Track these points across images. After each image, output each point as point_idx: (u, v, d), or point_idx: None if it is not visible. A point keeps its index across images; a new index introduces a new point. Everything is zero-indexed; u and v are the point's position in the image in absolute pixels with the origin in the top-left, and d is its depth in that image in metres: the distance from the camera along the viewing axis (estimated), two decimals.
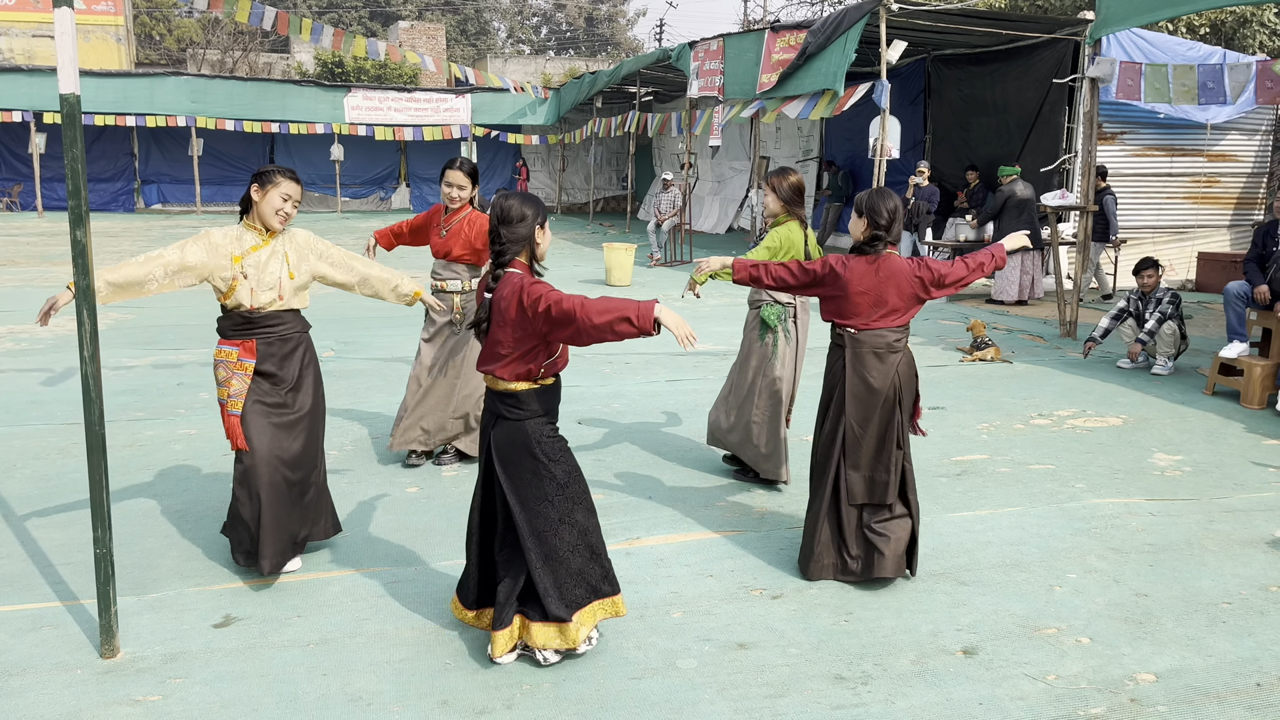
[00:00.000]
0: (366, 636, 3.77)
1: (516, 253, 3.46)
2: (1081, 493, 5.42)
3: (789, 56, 14.21)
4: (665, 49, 18.81)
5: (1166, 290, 7.98)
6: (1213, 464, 5.94)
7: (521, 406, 3.47)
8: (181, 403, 7.07)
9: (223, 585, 4.19)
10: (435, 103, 27.10)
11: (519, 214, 3.44)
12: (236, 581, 4.22)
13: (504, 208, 3.45)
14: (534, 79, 38.25)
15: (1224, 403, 7.25)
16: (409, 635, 3.78)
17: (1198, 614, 4.02)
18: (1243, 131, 14.51)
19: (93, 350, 3.41)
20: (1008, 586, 4.26)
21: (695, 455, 6.00)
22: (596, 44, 63.41)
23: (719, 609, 4.05)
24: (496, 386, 3.51)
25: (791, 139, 20.38)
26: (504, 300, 3.39)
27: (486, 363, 3.52)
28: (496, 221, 3.45)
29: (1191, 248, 14.09)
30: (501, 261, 3.45)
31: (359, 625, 3.86)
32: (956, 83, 15.79)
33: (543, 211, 3.53)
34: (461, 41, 57.18)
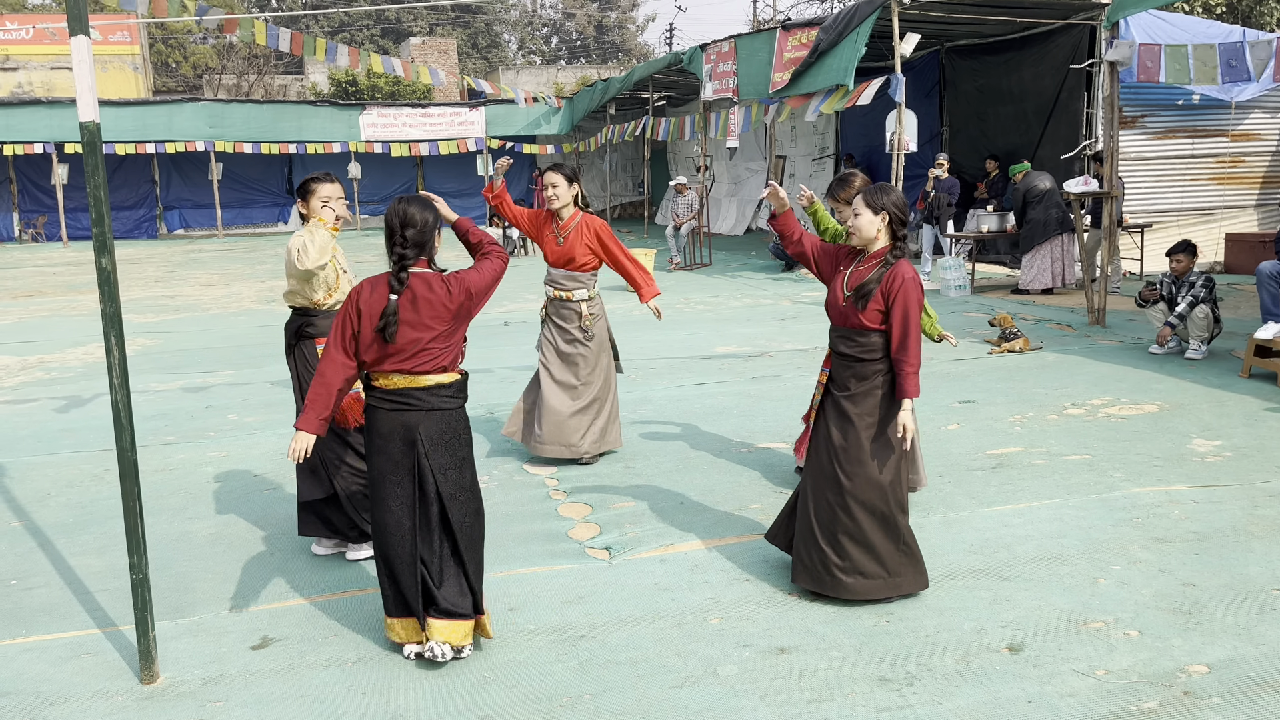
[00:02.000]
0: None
1: (420, 255, 3.64)
2: (1120, 482, 5.33)
3: (801, 54, 14.15)
4: (677, 53, 18.78)
5: (1200, 274, 7.86)
6: (1254, 448, 5.83)
7: (456, 395, 3.70)
8: (211, 426, 7.10)
9: (260, 607, 4.19)
10: (450, 117, 27.23)
11: (420, 219, 3.60)
12: (273, 603, 4.22)
13: (406, 213, 3.60)
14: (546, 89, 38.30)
15: (1261, 385, 7.12)
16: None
17: (1247, 602, 3.94)
18: (1266, 110, 14.31)
19: (122, 377, 3.42)
20: (1050, 581, 4.19)
21: (725, 459, 5.95)
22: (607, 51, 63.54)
23: (757, 614, 4.00)
24: (425, 383, 3.62)
25: (807, 137, 20.31)
26: (433, 298, 3.56)
27: (411, 361, 3.59)
28: (400, 226, 3.58)
29: (1219, 229, 13.91)
30: (405, 265, 3.56)
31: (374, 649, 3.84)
32: (972, 73, 15.67)
33: (437, 215, 3.75)
34: (473, 55, 57.46)
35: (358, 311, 3.55)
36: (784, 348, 9.23)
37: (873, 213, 4.00)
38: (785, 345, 9.34)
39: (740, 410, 7.01)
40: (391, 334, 3.52)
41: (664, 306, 12.11)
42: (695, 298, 12.90)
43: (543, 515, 5.15)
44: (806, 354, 8.91)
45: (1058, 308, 10.98)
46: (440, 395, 3.64)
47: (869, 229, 4.00)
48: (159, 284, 16.52)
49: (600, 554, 4.64)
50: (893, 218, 4.01)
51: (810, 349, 9.11)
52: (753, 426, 6.57)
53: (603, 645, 3.77)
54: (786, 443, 6.18)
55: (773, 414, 6.85)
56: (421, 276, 3.58)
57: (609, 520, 5.04)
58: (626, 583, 4.32)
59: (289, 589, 4.35)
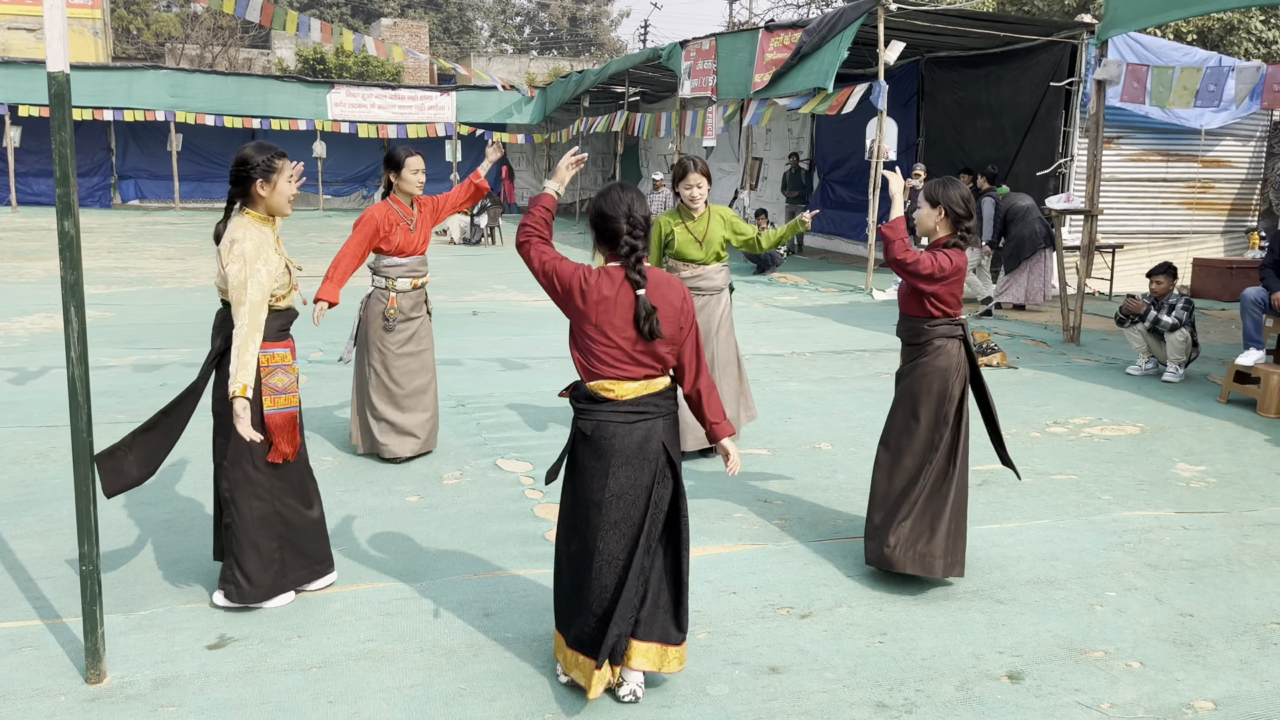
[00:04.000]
0: (374, 659, 3.52)
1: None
2: (1109, 505, 5.23)
3: (783, 56, 14.04)
4: (655, 48, 18.60)
5: (1180, 296, 7.83)
6: (1237, 475, 5.77)
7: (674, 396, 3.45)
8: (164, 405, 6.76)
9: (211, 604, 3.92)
10: (420, 100, 26.78)
11: (644, 211, 3.25)
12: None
13: (634, 202, 3.24)
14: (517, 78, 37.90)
15: (1240, 411, 7.10)
16: (419, 659, 3.53)
17: (1247, 635, 3.84)
18: (1237, 137, 14.43)
19: (81, 350, 3.15)
20: (1046, 605, 4.06)
21: (706, 464, 5.77)
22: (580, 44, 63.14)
23: (746, 629, 3.82)
24: (657, 387, 3.26)
25: (781, 140, 20.21)
26: (671, 297, 3.31)
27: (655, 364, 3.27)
28: (628, 212, 3.19)
29: (1187, 254, 14.00)
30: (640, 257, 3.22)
31: (364, 646, 3.61)
32: (951, 85, 15.66)
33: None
34: (444, 39, 56.74)
35: (582, 291, 3.16)
36: (759, 351, 9.07)
37: (931, 205, 4.16)
38: (760, 349, 9.19)
39: None
40: (656, 329, 3.14)
41: None
42: None
43: (518, 515, 4.93)
44: (782, 359, 8.76)
45: (1030, 324, 10.96)
46: (668, 398, 3.27)
47: (928, 220, 4.20)
48: (112, 254, 15.99)
49: None
50: (949, 212, 4.14)
51: (786, 354, 8.97)
52: None
53: None
54: (769, 449, 6.01)
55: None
56: (651, 271, 3.24)
57: None
58: None
59: None
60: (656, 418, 3.20)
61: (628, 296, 3.14)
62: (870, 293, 12.96)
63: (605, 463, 3.14)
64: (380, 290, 5.50)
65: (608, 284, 3.16)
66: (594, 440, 3.16)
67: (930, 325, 4.15)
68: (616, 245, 3.19)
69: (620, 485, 3.15)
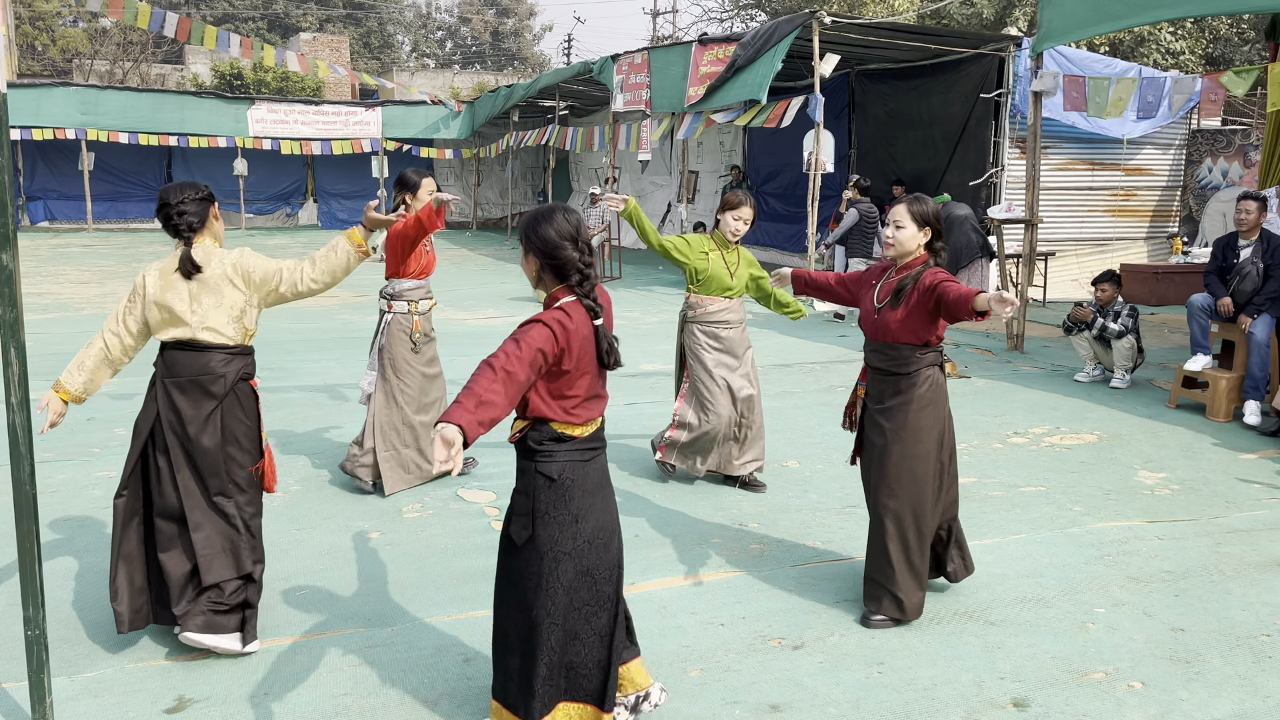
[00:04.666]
0: (350, 716, 3.27)
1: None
2: (1081, 516, 5.21)
3: (717, 69, 14.01)
4: (586, 62, 18.46)
5: (1125, 304, 7.93)
6: (1198, 481, 5.82)
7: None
8: (95, 441, 6.39)
9: (172, 660, 3.64)
10: (344, 116, 26.20)
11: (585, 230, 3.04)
12: (188, 655, 3.67)
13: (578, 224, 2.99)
14: (442, 93, 37.50)
15: (1190, 416, 7.20)
16: (399, 713, 3.30)
17: (1240, 649, 3.81)
18: (1157, 146, 14.84)
19: (22, 395, 2.87)
20: (1038, 625, 3.99)
21: (676, 488, 5.61)
22: (503, 58, 62.79)
23: (740, 664, 3.67)
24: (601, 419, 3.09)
25: (714, 153, 20.24)
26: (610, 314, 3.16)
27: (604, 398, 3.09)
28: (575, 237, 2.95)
29: (1113, 260, 14.32)
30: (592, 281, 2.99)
31: (339, 702, 3.37)
32: (881, 97, 15.83)
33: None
34: (365, 54, 55.91)
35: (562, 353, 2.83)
36: None
37: (917, 226, 3.93)
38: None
39: None
40: (619, 359, 2.96)
41: None
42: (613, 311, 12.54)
43: (486, 549, 4.70)
44: None
45: (973, 332, 11.06)
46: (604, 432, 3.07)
47: (910, 243, 3.93)
48: (24, 280, 15.24)
49: None
50: (934, 232, 3.96)
51: None
52: None
53: None
54: None
55: None
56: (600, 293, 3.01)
57: None
58: None
59: None
60: (602, 450, 3.04)
61: (589, 329, 2.90)
62: (811, 304, 12.97)
63: (573, 507, 2.90)
64: (402, 315, 5.40)
65: (581, 322, 2.88)
66: (561, 484, 2.89)
67: (923, 353, 3.90)
68: (568, 275, 2.92)
69: (592, 529, 2.94)
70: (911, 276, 3.89)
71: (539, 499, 2.90)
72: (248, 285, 3.62)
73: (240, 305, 3.61)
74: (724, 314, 5.39)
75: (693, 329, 5.45)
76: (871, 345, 4.04)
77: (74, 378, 3.67)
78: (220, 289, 3.57)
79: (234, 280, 3.59)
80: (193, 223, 3.59)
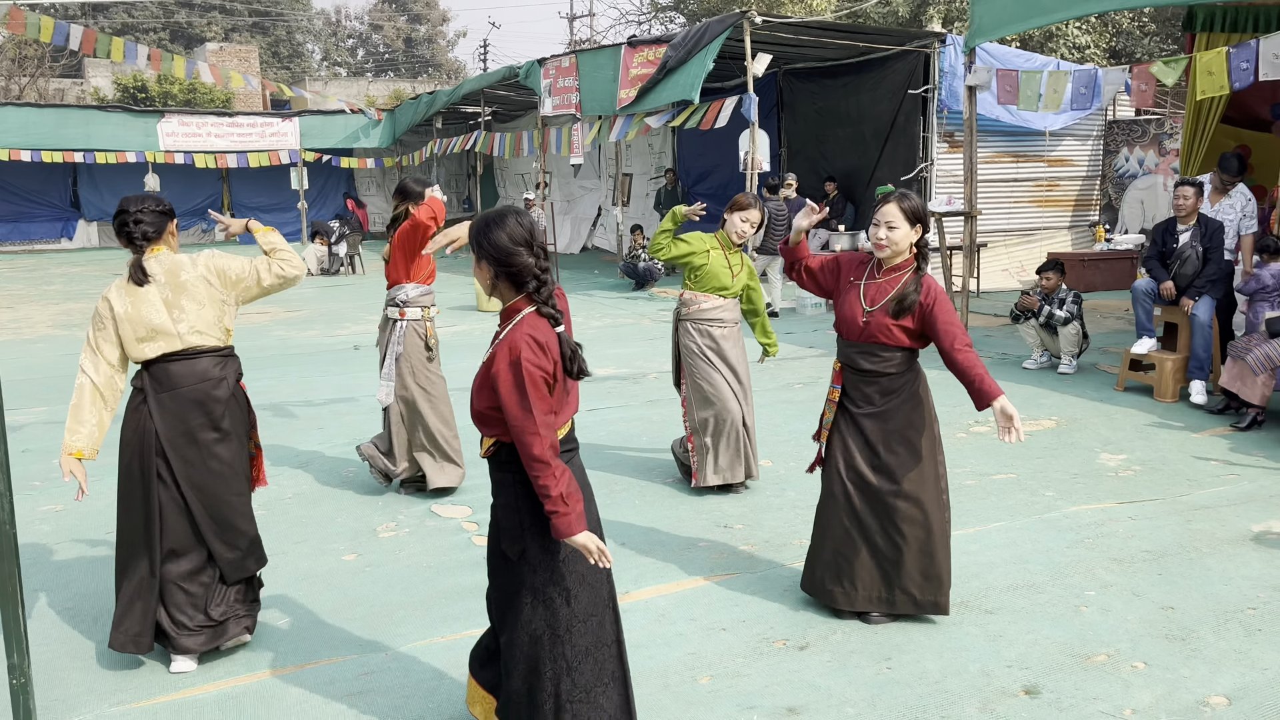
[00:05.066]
0: None
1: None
2: (1055, 501, 5.29)
3: (648, 71, 14.00)
4: (511, 67, 18.28)
5: (1069, 291, 8.12)
6: (1157, 461, 5.96)
7: None
8: (34, 474, 6.07)
9: (152, 700, 3.45)
10: (260, 127, 25.52)
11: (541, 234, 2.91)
12: (166, 694, 3.48)
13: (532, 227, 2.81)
14: (357, 102, 36.88)
15: (1138, 397, 7.39)
16: None
17: (1231, 624, 3.89)
18: (1077, 137, 15.29)
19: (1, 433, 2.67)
20: (1034, 611, 4.02)
21: (654, 492, 5.55)
22: (417, 65, 61.96)
23: (749, 668, 3.62)
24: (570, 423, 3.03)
25: (643, 155, 20.23)
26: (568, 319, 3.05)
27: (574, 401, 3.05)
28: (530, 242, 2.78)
29: (1039, 249, 14.69)
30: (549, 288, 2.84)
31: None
32: (810, 95, 16.00)
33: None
34: (274, 64, 54.66)
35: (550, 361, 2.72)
36: (664, 369, 8.91)
37: (910, 224, 3.79)
38: (664, 366, 9.03)
39: (650, 436, 6.62)
40: (585, 367, 2.80)
41: None
42: None
43: (470, 565, 4.58)
44: None
45: None
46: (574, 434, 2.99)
47: (904, 242, 3.80)
48: None
49: None
50: (924, 226, 3.86)
51: None
52: (670, 455, 6.20)
53: None
54: None
55: None
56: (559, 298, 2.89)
57: None
58: None
59: (189, 673, 3.61)
60: (575, 452, 2.96)
61: (553, 338, 2.75)
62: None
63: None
64: (416, 322, 5.35)
65: (545, 332, 2.74)
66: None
67: (914, 355, 3.90)
68: (525, 283, 2.75)
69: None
70: (914, 288, 3.77)
71: (524, 511, 2.79)
72: (224, 284, 3.67)
73: (219, 305, 3.65)
74: (717, 312, 5.35)
75: (686, 326, 5.40)
76: (859, 348, 3.85)
77: (76, 434, 3.52)
78: (198, 291, 3.60)
79: (210, 280, 3.64)
80: (148, 232, 3.60)
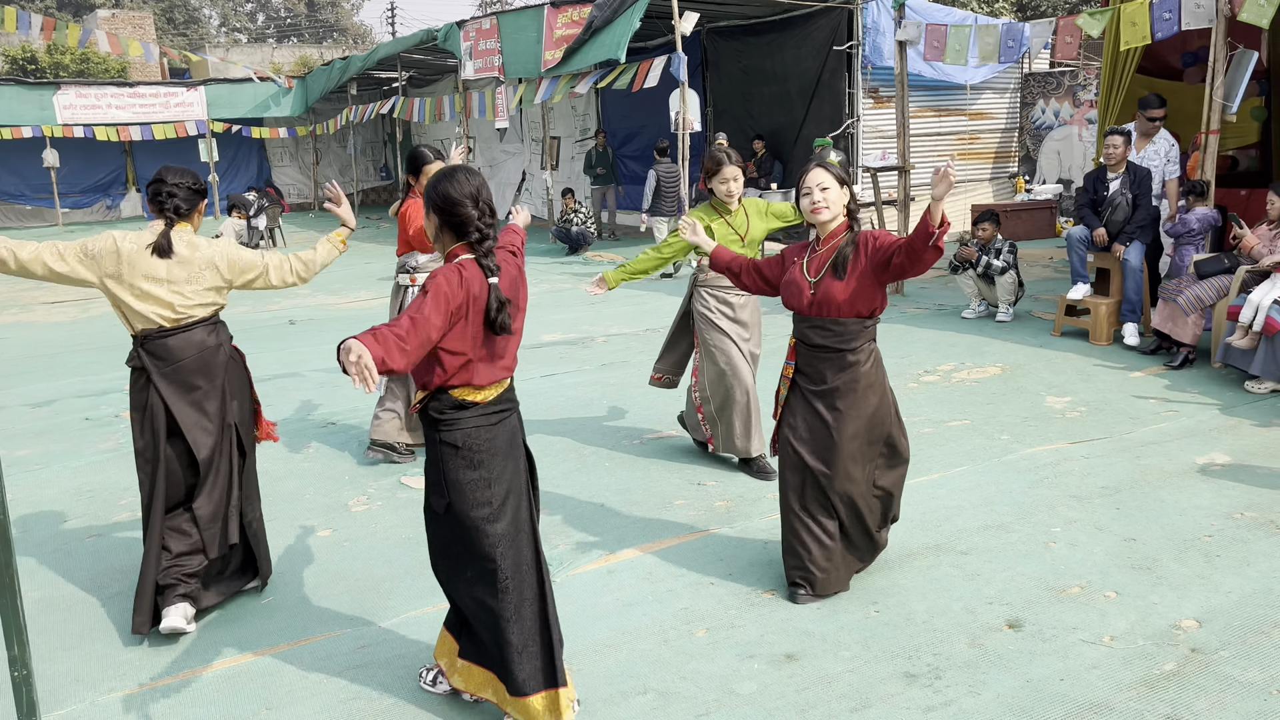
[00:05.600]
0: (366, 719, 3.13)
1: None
2: (1011, 444, 5.48)
3: (573, 32, 13.85)
4: (430, 30, 17.89)
5: (1005, 241, 8.34)
6: (1100, 402, 6.21)
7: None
8: None
9: (145, 686, 3.38)
10: (164, 98, 24.54)
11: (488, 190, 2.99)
12: (160, 679, 3.42)
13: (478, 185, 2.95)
14: (263, 69, 35.70)
15: (1075, 342, 7.66)
16: (417, 711, 3.18)
17: (1190, 551, 4.10)
18: (995, 90, 15.62)
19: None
20: (1006, 550, 4.18)
21: (623, 453, 5.58)
22: (321, 31, 60.16)
23: (742, 619, 3.70)
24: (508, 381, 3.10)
25: (566, 118, 20.03)
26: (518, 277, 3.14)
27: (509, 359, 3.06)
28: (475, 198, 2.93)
29: (963, 201, 15.04)
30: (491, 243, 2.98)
31: (348, 707, 3.21)
32: (735, 54, 16.00)
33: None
34: (170, 31, 52.53)
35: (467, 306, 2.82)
36: (611, 332, 8.94)
37: (839, 184, 3.73)
38: (611, 329, 9.06)
39: (609, 400, 6.65)
40: (507, 323, 2.87)
41: None
42: None
43: None
44: (639, 337, 8.67)
45: None
46: (513, 389, 3.07)
47: (839, 202, 3.72)
48: None
49: None
50: (850, 190, 3.79)
51: (640, 331, 8.89)
52: (633, 417, 6.24)
53: (596, 677, 3.33)
54: (677, 430, 5.89)
55: (644, 401, 6.55)
56: (501, 255, 3.00)
57: None
58: (584, 602, 3.88)
59: (181, 656, 3.55)
60: (512, 412, 3.04)
61: (483, 288, 2.86)
62: (689, 263, 13.08)
63: (486, 471, 2.92)
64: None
65: (474, 279, 2.85)
66: (467, 450, 2.90)
67: (868, 325, 3.74)
68: (466, 233, 2.91)
69: (504, 491, 2.95)
70: (848, 243, 3.69)
71: (447, 468, 2.92)
72: (230, 271, 3.77)
73: (218, 287, 3.76)
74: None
75: (702, 293, 5.15)
76: (810, 322, 3.75)
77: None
78: (204, 273, 3.70)
79: (218, 265, 3.73)
80: (180, 207, 3.70)
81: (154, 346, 3.63)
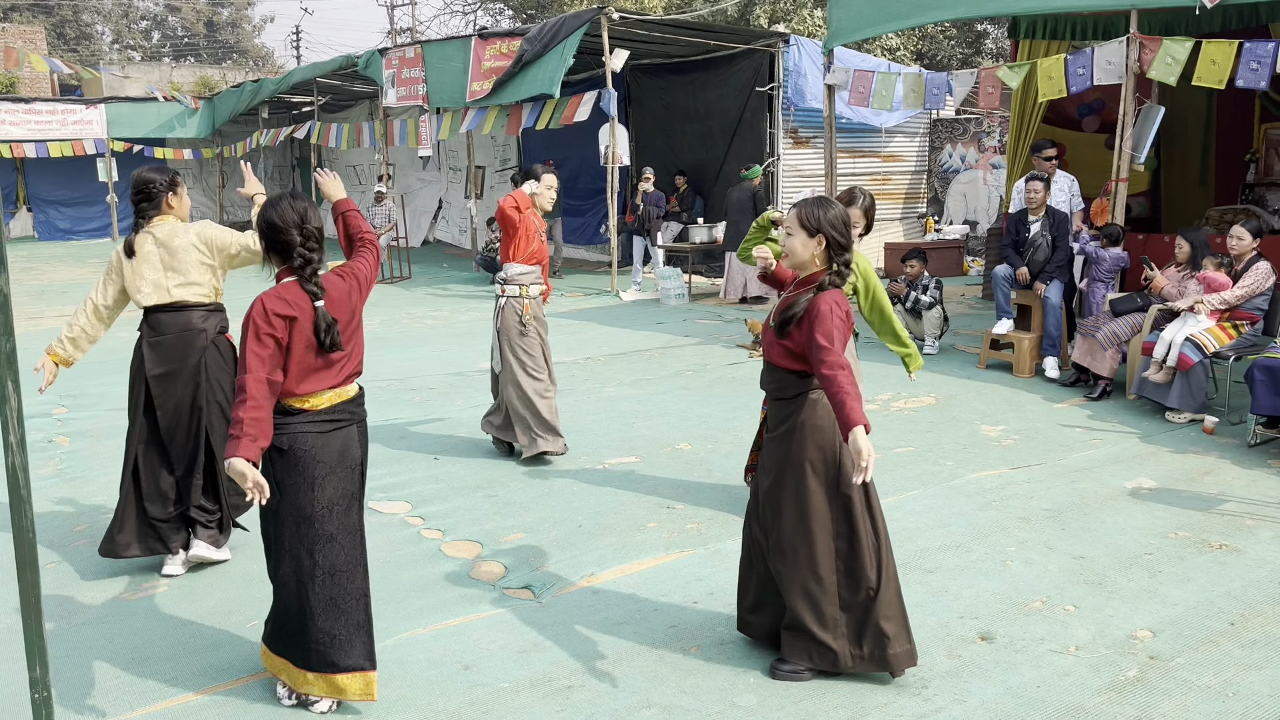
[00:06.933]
0: None
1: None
2: (955, 470, 5.77)
3: (503, 64, 13.98)
4: (349, 56, 17.77)
5: (931, 278, 8.75)
6: (1031, 430, 6.57)
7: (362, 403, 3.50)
8: None
9: (170, 701, 3.33)
10: (61, 115, 23.66)
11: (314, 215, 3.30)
12: (153, 704, 3.37)
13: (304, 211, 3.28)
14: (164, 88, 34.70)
15: (999, 374, 8.07)
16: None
17: (1135, 568, 4.41)
18: (906, 134, 16.32)
19: (20, 435, 2.55)
20: (968, 569, 4.42)
21: (586, 478, 5.67)
22: (220, 51, 58.83)
23: (730, 636, 3.83)
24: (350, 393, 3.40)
25: (486, 148, 20.07)
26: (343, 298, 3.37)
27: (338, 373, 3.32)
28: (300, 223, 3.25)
29: (877, 239, 15.61)
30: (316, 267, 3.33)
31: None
32: (658, 91, 16.35)
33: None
34: (60, 46, 50.62)
35: (287, 328, 3.12)
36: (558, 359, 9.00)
37: (808, 234, 3.40)
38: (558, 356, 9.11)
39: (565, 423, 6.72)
40: (337, 340, 3.18)
41: (391, 322, 11.40)
42: (417, 312, 12.27)
43: (428, 557, 4.59)
44: (579, 364, 8.78)
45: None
46: (359, 404, 3.36)
47: (802, 252, 3.42)
48: None
49: (523, 594, 4.22)
50: (830, 241, 3.40)
51: (579, 359, 8.99)
52: (591, 442, 6.33)
53: (600, 695, 3.42)
54: (636, 455, 6.02)
55: (599, 428, 6.65)
56: (326, 277, 3.27)
57: (508, 555, 4.60)
58: (573, 622, 3.96)
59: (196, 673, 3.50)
60: (350, 424, 3.29)
61: (308, 309, 3.16)
62: (617, 294, 13.26)
63: (308, 475, 3.18)
64: (514, 299, 5.78)
65: (298, 300, 3.15)
66: (292, 454, 3.17)
67: (803, 378, 3.44)
68: (289, 257, 3.22)
69: (330, 497, 3.21)
70: (801, 305, 3.37)
71: (274, 469, 3.19)
72: (211, 251, 4.32)
73: (207, 268, 4.31)
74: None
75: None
76: (764, 363, 3.61)
77: (62, 338, 4.30)
78: (188, 256, 4.26)
79: (199, 246, 4.30)
80: (145, 211, 4.34)
81: (152, 319, 4.28)
